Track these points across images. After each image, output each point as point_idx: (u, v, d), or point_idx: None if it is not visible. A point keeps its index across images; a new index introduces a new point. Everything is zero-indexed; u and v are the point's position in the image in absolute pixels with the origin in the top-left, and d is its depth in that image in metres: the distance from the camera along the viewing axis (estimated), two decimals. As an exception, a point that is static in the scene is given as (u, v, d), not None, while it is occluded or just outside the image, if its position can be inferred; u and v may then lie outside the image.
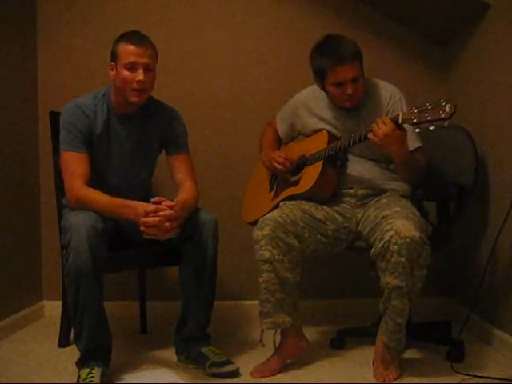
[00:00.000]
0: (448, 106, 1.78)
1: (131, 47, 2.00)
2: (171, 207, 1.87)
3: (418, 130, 1.93)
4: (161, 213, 1.84)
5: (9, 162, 2.57)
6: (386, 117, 1.96)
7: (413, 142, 2.14)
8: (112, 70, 2.06)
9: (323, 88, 2.18)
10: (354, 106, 2.16)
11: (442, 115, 1.79)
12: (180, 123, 2.23)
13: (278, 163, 2.30)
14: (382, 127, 1.92)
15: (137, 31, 2.08)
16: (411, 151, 2.12)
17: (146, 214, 1.84)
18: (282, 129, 2.45)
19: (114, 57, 2.05)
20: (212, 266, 2.08)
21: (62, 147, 2.06)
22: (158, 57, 2.09)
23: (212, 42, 2.87)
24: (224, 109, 2.88)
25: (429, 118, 1.83)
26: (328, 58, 2.07)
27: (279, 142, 2.50)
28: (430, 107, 1.83)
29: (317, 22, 2.83)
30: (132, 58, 2.00)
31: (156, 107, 2.19)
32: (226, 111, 2.88)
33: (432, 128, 1.85)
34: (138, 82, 2.00)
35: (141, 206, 1.89)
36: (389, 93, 2.20)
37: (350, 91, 2.09)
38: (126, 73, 2.01)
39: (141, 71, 2.00)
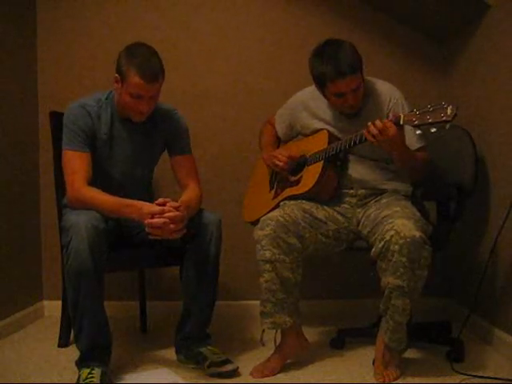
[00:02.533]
0: (450, 108, 1.78)
1: (141, 82, 1.95)
2: (176, 208, 1.87)
3: (418, 131, 1.92)
4: (166, 214, 1.84)
5: (9, 162, 2.57)
6: (388, 121, 1.92)
7: (416, 141, 2.14)
8: (117, 82, 2.02)
9: (323, 94, 2.17)
10: (355, 111, 2.16)
11: (444, 118, 1.78)
12: (182, 124, 2.23)
13: (281, 162, 2.29)
14: (385, 133, 1.91)
15: (147, 56, 1.98)
16: (415, 150, 2.12)
17: (152, 216, 1.84)
18: (280, 128, 2.45)
19: (121, 75, 1.99)
20: (214, 265, 2.08)
21: (64, 146, 2.06)
22: (164, 76, 2.04)
23: (213, 40, 2.87)
24: (225, 108, 2.88)
25: (430, 120, 1.82)
26: (328, 69, 2.03)
27: (279, 141, 2.49)
28: (431, 109, 1.83)
29: (317, 21, 2.83)
30: (140, 92, 1.97)
31: (159, 110, 2.18)
32: (226, 110, 2.88)
33: (433, 131, 1.84)
34: (141, 110, 2.01)
35: (145, 206, 1.89)
36: (388, 93, 2.18)
37: (351, 102, 2.08)
38: (130, 99, 1.99)
39: (145, 101, 1.99)
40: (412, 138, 2.11)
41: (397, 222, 1.89)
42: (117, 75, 2.02)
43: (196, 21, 2.87)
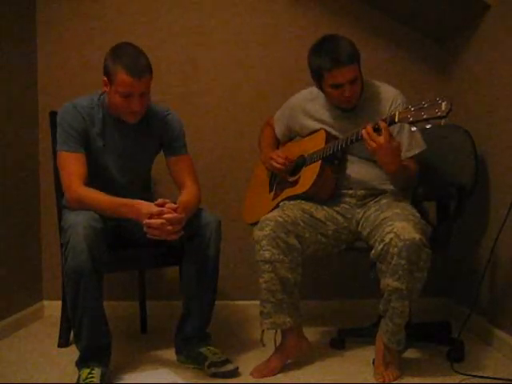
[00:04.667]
0: (444, 103, 1.77)
1: (128, 78, 1.94)
2: (175, 209, 1.87)
3: (414, 128, 1.92)
4: (164, 216, 1.84)
5: (9, 162, 2.57)
6: (383, 124, 1.92)
7: (413, 148, 2.14)
8: (105, 85, 2.02)
9: (321, 88, 2.18)
10: (352, 106, 2.16)
11: (438, 113, 1.78)
12: (177, 124, 2.21)
13: (278, 163, 2.29)
14: (378, 138, 1.91)
15: (134, 55, 1.98)
16: (409, 158, 2.12)
17: (150, 216, 1.84)
18: (279, 130, 2.45)
19: (109, 77, 1.99)
20: (214, 265, 2.08)
21: (58, 147, 2.06)
22: (152, 73, 2.03)
23: (212, 42, 2.87)
24: (224, 109, 2.88)
25: (425, 116, 1.82)
26: (326, 60, 2.05)
27: (278, 142, 2.49)
28: (426, 105, 1.83)
29: (316, 21, 2.83)
30: (128, 89, 1.96)
31: (152, 110, 2.17)
32: (226, 111, 2.88)
33: (428, 126, 1.84)
34: (132, 109, 1.99)
35: (143, 206, 1.88)
36: (391, 97, 2.18)
37: (347, 93, 2.08)
38: (120, 99, 1.98)
39: (136, 99, 1.98)
40: (409, 144, 2.12)
41: (396, 225, 1.89)
42: (105, 78, 2.01)
43: (197, 22, 2.86)
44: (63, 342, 2.35)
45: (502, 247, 2.18)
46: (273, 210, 2.17)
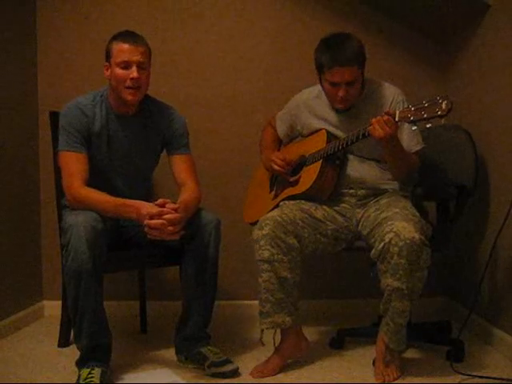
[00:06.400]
0: (444, 103, 1.77)
1: (124, 46, 2.01)
2: (175, 209, 1.87)
3: (414, 127, 1.92)
4: (165, 216, 1.84)
5: (9, 162, 2.56)
6: (388, 117, 1.92)
7: (414, 144, 2.14)
8: (107, 70, 2.07)
9: (320, 83, 2.19)
10: (345, 107, 2.16)
11: (439, 112, 1.78)
12: (181, 123, 2.22)
13: (277, 165, 2.30)
14: (386, 128, 1.91)
15: (130, 31, 2.09)
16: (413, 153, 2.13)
17: (151, 217, 1.84)
18: (281, 129, 2.45)
19: (108, 56, 2.06)
20: (213, 265, 2.08)
21: (60, 147, 2.06)
22: (151, 56, 2.09)
23: (211, 42, 2.87)
24: (224, 108, 2.88)
25: (425, 115, 1.82)
26: (327, 56, 2.06)
27: (279, 142, 2.50)
28: (426, 105, 1.82)
29: (316, 22, 2.83)
30: (125, 57, 2.00)
31: (156, 107, 2.19)
32: (226, 111, 2.88)
33: (429, 126, 1.84)
34: (131, 79, 2.01)
35: (144, 206, 1.88)
36: (391, 94, 2.18)
37: (341, 93, 2.08)
38: (119, 71, 2.02)
39: (134, 69, 2.01)
40: (411, 140, 2.12)
41: (396, 224, 1.89)
42: (106, 63, 2.07)
43: (195, 24, 2.86)
44: (63, 342, 2.35)
45: (502, 247, 2.18)
46: (273, 209, 2.17)
